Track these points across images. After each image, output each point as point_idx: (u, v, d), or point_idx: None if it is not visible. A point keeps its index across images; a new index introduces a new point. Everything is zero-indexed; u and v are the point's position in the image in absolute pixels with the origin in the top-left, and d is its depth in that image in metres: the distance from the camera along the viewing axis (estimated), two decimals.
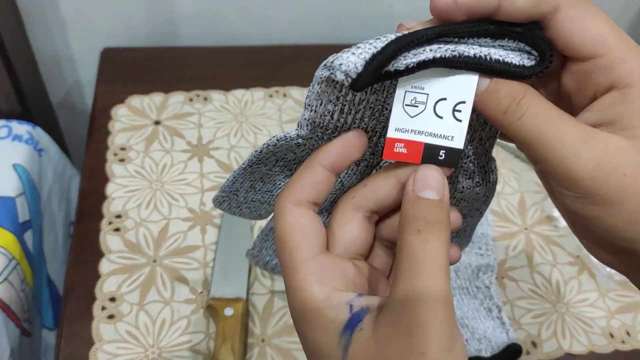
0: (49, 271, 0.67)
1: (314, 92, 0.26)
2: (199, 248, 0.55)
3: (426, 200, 0.25)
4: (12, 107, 0.71)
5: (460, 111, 0.26)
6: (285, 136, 0.28)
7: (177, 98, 0.67)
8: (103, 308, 0.50)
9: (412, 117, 0.26)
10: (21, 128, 0.66)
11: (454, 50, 0.25)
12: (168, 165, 0.60)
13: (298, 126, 0.28)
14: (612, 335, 0.53)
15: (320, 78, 0.25)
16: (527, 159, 0.28)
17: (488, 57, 0.25)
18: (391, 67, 0.24)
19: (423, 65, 0.24)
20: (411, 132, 0.26)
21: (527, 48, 0.26)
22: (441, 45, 0.25)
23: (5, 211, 0.59)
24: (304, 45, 0.76)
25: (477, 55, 0.25)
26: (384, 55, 0.24)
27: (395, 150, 0.27)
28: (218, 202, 0.34)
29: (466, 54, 0.25)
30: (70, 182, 0.75)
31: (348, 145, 0.27)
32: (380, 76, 0.24)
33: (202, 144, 0.63)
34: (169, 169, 0.60)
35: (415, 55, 0.24)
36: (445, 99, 0.26)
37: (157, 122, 0.64)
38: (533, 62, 0.25)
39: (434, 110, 0.26)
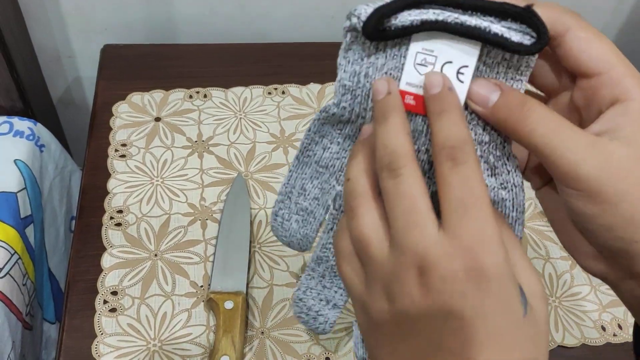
0: (50, 265, 0.68)
1: (342, 48, 0.30)
2: (199, 242, 0.55)
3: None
4: (13, 103, 0.71)
5: (463, 74, 0.29)
6: (325, 107, 0.32)
7: (177, 95, 0.68)
8: (105, 302, 0.51)
9: (421, 74, 0.29)
10: (22, 124, 0.67)
11: (457, 18, 0.27)
12: (168, 161, 0.61)
13: (334, 95, 0.31)
14: (604, 329, 0.54)
15: (344, 28, 0.29)
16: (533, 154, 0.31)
17: (488, 29, 0.27)
18: (397, 22, 0.28)
19: (427, 25, 0.27)
20: (420, 87, 0.29)
21: (528, 30, 0.27)
22: (445, 12, 0.27)
23: (7, 206, 0.59)
24: (302, 43, 0.77)
25: (478, 26, 0.27)
26: (390, 7, 0.27)
27: (405, 101, 0.29)
28: (274, 215, 0.38)
29: (468, 23, 0.27)
30: (71, 177, 0.75)
31: None
32: (390, 33, 0.28)
33: (202, 141, 0.63)
34: (169, 165, 0.61)
35: (419, 14, 0.27)
36: (451, 62, 0.29)
37: (157, 119, 0.65)
38: (531, 42, 0.27)
39: (441, 71, 0.29)
